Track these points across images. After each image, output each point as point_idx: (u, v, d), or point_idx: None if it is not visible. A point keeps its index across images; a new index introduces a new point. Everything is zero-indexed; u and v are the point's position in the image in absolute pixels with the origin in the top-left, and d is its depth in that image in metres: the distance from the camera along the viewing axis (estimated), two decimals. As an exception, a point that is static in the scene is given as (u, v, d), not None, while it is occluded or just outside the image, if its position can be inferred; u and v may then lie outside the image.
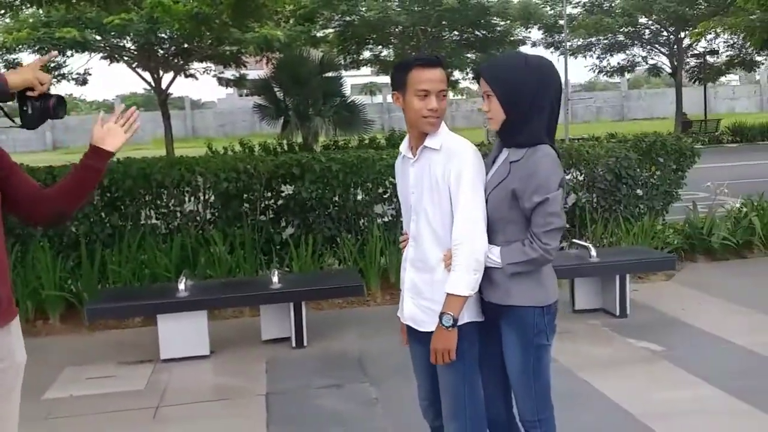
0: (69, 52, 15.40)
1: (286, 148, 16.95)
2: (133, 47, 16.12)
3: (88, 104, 57.44)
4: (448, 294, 2.12)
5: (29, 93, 1.88)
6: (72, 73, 18.03)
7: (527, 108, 2.11)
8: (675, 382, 3.71)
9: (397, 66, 2.26)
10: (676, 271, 5.81)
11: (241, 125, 39.77)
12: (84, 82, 18.27)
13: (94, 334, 4.90)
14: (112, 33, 14.38)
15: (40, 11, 13.52)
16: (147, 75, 16.96)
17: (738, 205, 6.82)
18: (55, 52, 2.42)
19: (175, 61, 16.78)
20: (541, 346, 2.19)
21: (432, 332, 2.17)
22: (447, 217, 2.18)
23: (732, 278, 5.77)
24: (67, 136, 39.34)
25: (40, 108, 1.91)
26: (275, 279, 4.49)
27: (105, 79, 43.12)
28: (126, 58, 16.82)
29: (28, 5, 10.46)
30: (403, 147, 2.34)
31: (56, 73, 17.11)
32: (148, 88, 18.29)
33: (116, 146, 2.03)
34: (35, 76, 1.87)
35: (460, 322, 2.13)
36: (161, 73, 16.77)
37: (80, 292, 5.11)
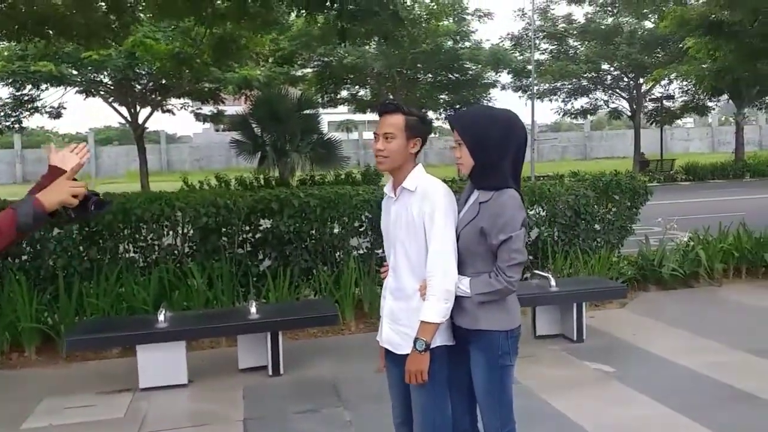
0: (44, 86, 15.35)
1: (262, 182, 17.15)
2: (109, 82, 16.20)
3: (60, 137, 56.82)
4: (422, 321, 2.31)
5: (68, 207, 1.89)
6: (46, 107, 17.93)
7: (493, 156, 2.33)
8: (625, 400, 3.97)
9: None
10: (629, 300, 6.15)
11: (217, 159, 39.94)
12: (58, 116, 18.16)
13: (72, 366, 4.95)
14: (89, 68, 14.47)
15: (15, 45, 13.59)
16: (123, 109, 17.04)
17: (686, 239, 7.20)
18: (87, 155, 2.37)
19: (153, 96, 16.93)
20: (506, 367, 2.40)
21: (407, 355, 2.37)
22: (422, 251, 2.38)
23: (680, 306, 6.10)
24: (37, 168, 38.96)
25: (81, 215, 1.94)
26: (253, 309, 4.63)
27: (79, 112, 42.84)
28: (102, 93, 16.88)
29: (5, 40, 10.58)
30: (387, 188, 2.56)
31: (29, 106, 17.05)
32: (123, 122, 18.35)
33: (73, 166, 2.02)
34: (69, 192, 1.87)
35: (432, 346, 2.33)
36: (138, 108, 16.86)
37: (57, 324, 5.13)
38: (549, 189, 6.55)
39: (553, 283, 5.12)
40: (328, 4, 7.82)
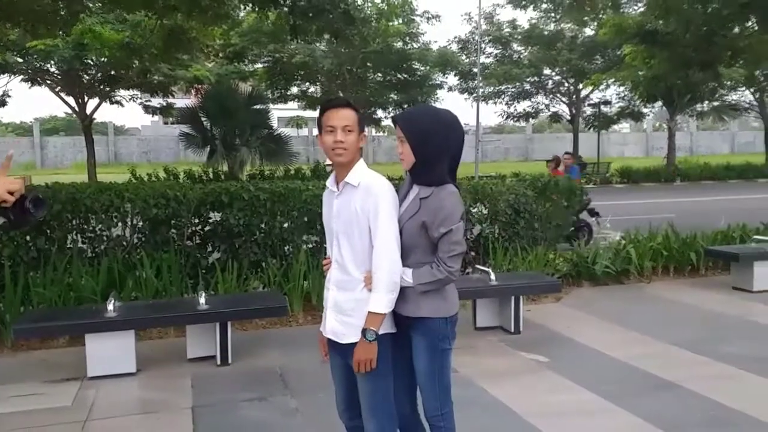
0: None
1: (211, 176, 16.98)
2: (56, 71, 15.70)
3: (4, 126, 54.31)
4: (370, 312, 2.41)
5: (3, 205, 1.82)
6: (-9, 95, 17.26)
7: (434, 153, 2.45)
8: (557, 388, 4.24)
9: (319, 112, 2.56)
10: (564, 295, 6.50)
11: (166, 152, 39.25)
12: (2, 104, 17.52)
13: (17, 355, 4.91)
14: (35, 56, 14.01)
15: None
16: (71, 100, 16.54)
17: (618, 238, 7.65)
18: (12, 152, 2.29)
19: (101, 87, 16.50)
20: (446, 350, 2.54)
21: (350, 344, 2.47)
22: (366, 244, 2.47)
23: (611, 301, 6.48)
24: (-24, 158, 37.23)
25: (18, 214, 1.86)
26: (202, 300, 4.70)
27: (23, 101, 41.22)
28: (49, 82, 16.35)
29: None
30: (329, 182, 2.61)
31: (-28, 93, 16.34)
32: (70, 112, 17.81)
33: None
34: (5, 188, 1.80)
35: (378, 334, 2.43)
36: (86, 98, 16.41)
37: (2, 313, 5.08)
38: (491, 188, 6.84)
39: (492, 277, 5.38)
40: (280, 0, 7.92)
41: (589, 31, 26.65)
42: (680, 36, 13.60)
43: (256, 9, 8.01)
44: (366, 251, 2.48)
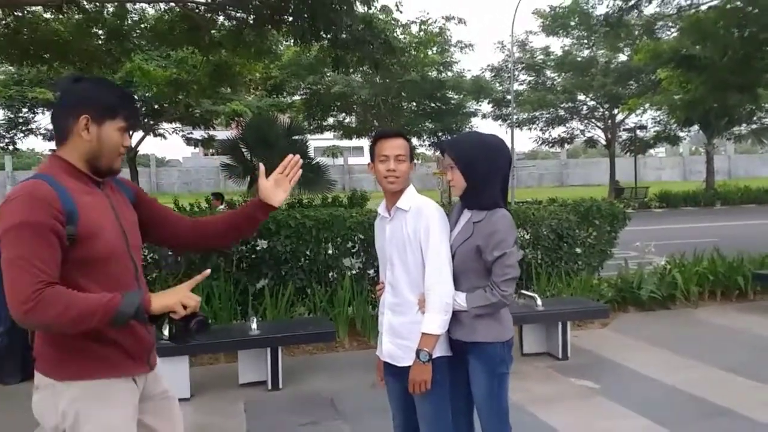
0: (39, 109, 15.46)
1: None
2: (104, 106, 16.42)
3: (51, 160, 56.50)
4: (423, 333, 2.44)
5: (172, 315, 1.88)
6: (40, 128, 18.02)
7: (484, 176, 2.51)
8: (610, 414, 4.19)
9: (371, 142, 2.66)
10: (610, 320, 6.42)
11: (206, 183, 40.39)
12: (52, 138, 18.24)
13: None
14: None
15: (12, 68, 13.74)
16: (116, 133, 17.23)
17: (663, 263, 7.52)
18: (208, 272, 2.07)
19: (146, 120, 17.14)
20: (503, 374, 2.56)
21: (407, 367, 2.50)
22: (419, 266, 2.51)
23: (658, 326, 6.38)
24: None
25: (182, 330, 1.90)
26: (254, 326, 4.81)
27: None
28: (95, 118, 17.08)
29: (8, 64, 10.76)
30: (381, 208, 2.68)
31: (24, 128, 17.11)
32: (112, 145, 18.57)
33: (280, 201, 2.19)
34: (180, 300, 1.87)
35: (433, 356, 2.47)
36: (130, 131, 17.11)
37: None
38: (533, 213, 6.84)
39: (539, 302, 5.37)
40: (322, 34, 8.18)
41: (623, 57, 26.56)
42: (717, 60, 13.50)
43: (299, 43, 8.30)
44: (419, 274, 2.53)
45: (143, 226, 2.11)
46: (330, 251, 6.24)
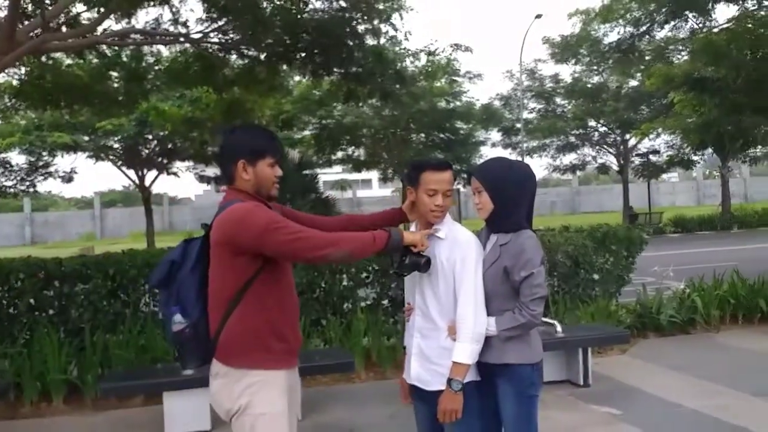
0: (58, 153, 15.84)
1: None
2: (119, 147, 16.76)
3: (66, 201, 57.62)
4: (454, 362, 2.45)
5: (412, 248, 2.43)
6: (58, 171, 18.43)
7: (511, 200, 2.57)
8: (634, 441, 4.15)
9: (413, 166, 2.65)
10: (630, 346, 6.34)
11: (219, 219, 40.84)
12: (69, 180, 18.66)
13: (98, 415, 5.10)
14: (101, 134, 15.00)
15: (32, 114, 14.14)
16: (131, 173, 17.56)
17: (682, 287, 7.44)
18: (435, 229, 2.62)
19: (160, 159, 17.47)
20: (533, 397, 2.56)
21: (436, 391, 2.50)
22: (451, 293, 2.53)
23: (679, 351, 6.29)
24: (45, 231, 39.81)
25: (414, 261, 2.43)
26: (272, 357, 4.86)
27: (83, 175, 44.25)
28: (112, 158, 17.43)
29: (25, 110, 11.11)
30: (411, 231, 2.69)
31: (43, 171, 17.51)
32: (126, 185, 18.98)
33: (415, 218, 2.70)
34: (422, 238, 2.44)
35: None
36: (145, 171, 17.39)
37: (83, 375, 5.30)
38: (549, 240, 6.83)
39: (559, 329, 5.32)
40: (334, 68, 8.35)
41: (633, 82, 26.64)
42: (730, 82, 13.53)
43: (311, 78, 8.47)
44: (450, 301, 2.55)
45: None
46: (345, 282, 6.26)
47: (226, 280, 2.30)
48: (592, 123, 28.88)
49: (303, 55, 8.20)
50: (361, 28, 8.19)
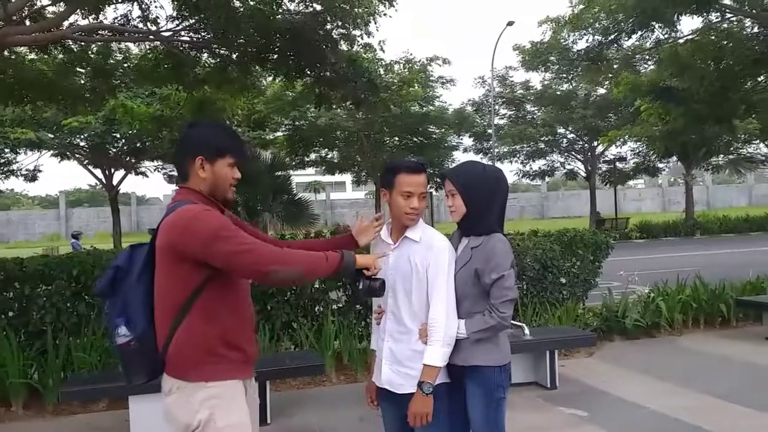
0: (21, 150, 15.41)
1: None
2: (86, 146, 16.37)
3: (30, 199, 56.09)
4: (425, 365, 2.45)
5: (365, 271, 2.33)
6: (21, 169, 17.92)
7: (483, 204, 2.59)
8: (600, 442, 4.21)
9: (388, 168, 2.63)
10: (596, 349, 6.45)
11: (188, 219, 40.47)
12: (33, 179, 18.18)
13: (59, 420, 4.96)
14: (66, 132, 14.64)
15: (-8, 110, 13.74)
16: (98, 172, 17.16)
17: (647, 291, 7.59)
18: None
19: (128, 159, 17.13)
20: (501, 399, 2.58)
21: (405, 394, 2.51)
22: (423, 297, 2.53)
23: (644, 354, 6.42)
24: (7, 230, 38.74)
25: (370, 287, 2.35)
26: (241, 360, 4.81)
27: (48, 175, 43.28)
28: (78, 156, 17.02)
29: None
30: (384, 233, 2.69)
31: (5, 169, 17.02)
32: (93, 184, 18.58)
33: (364, 243, 2.63)
34: (374, 261, 2.36)
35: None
36: (112, 170, 17.03)
37: (44, 378, 5.14)
38: (518, 243, 6.90)
39: (527, 331, 5.39)
40: (307, 71, 8.31)
41: (601, 90, 27.15)
42: (694, 92, 13.92)
43: (284, 80, 8.41)
44: (423, 304, 2.54)
45: None
46: (316, 285, 6.22)
47: (172, 289, 2.14)
48: (561, 130, 29.36)
49: (276, 56, 8.14)
50: (335, 32, 8.18)
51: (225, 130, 2.43)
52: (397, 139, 25.56)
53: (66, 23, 7.59)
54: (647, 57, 16.69)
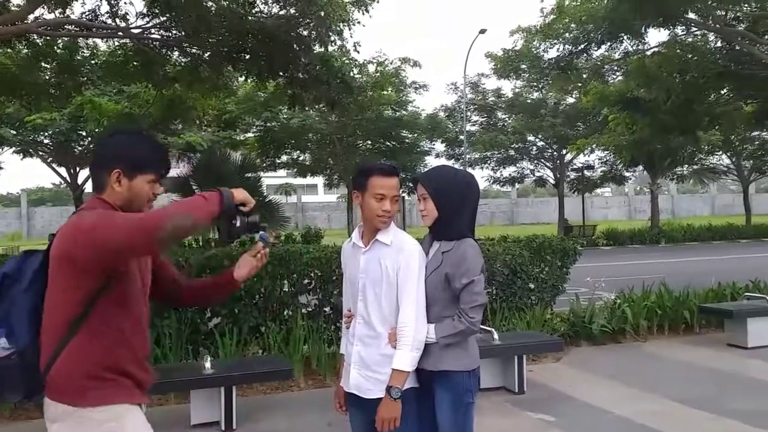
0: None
1: (201, 243, 16.95)
2: (49, 143, 15.95)
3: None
4: (394, 370, 2.44)
5: (242, 208, 2.08)
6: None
7: (455, 208, 2.59)
8: (565, 447, 4.26)
9: (361, 170, 2.60)
10: (564, 354, 6.52)
11: (156, 220, 39.78)
12: (-9, 179, 17.67)
13: (16, 425, 4.80)
14: (29, 129, 14.26)
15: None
16: (62, 170, 16.71)
17: (613, 298, 7.72)
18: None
19: (94, 157, 16.78)
20: (469, 404, 2.57)
21: (373, 399, 2.48)
22: (392, 301, 2.51)
23: (610, 359, 6.51)
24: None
25: (248, 222, 2.12)
26: (208, 365, 4.67)
27: (9, 171, 41.93)
28: (41, 153, 16.56)
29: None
30: (355, 236, 2.66)
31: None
32: (58, 183, 18.09)
33: (240, 277, 2.36)
34: (251, 198, 2.12)
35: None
36: (78, 169, 16.59)
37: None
38: (488, 249, 6.95)
39: (496, 336, 5.42)
40: (279, 72, 8.25)
41: (571, 99, 27.63)
42: (661, 103, 14.28)
43: (256, 80, 8.34)
44: (391, 308, 2.53)
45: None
46: (285, 288, 6.15)
47: (61, 302, 1.97)
48: (530, 137, 29.76)
49: (248, 57, 8.06)
50: (307, 34, 8.13)
51: (148, 141, 2.21)
52: (369, 142, 25.57)
53: (31, 17, 7.39)
54: (616, 67, 17.06)
